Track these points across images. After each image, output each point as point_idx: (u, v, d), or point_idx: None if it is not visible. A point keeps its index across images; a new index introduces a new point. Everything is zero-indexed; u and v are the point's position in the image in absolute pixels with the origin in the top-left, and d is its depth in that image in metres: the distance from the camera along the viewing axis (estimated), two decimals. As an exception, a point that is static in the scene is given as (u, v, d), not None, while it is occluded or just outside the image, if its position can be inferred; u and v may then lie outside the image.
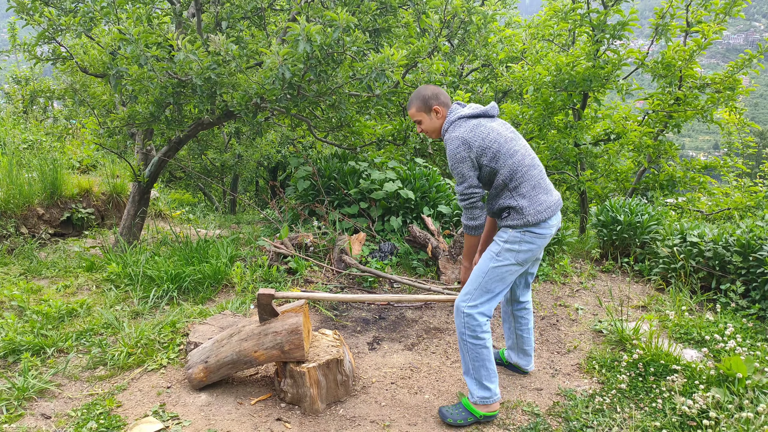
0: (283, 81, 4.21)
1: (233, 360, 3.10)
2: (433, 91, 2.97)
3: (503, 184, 2.84)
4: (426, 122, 2.99)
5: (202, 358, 3.17)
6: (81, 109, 7.34)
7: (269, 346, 3.03)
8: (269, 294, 3.04)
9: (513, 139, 2.87)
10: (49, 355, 3.47)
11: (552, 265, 5.44)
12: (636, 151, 6.88)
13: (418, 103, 2.96)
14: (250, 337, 3.09)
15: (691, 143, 69.65)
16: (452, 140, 2.83)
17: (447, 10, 5.37)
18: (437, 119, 2.97)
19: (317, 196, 6.16)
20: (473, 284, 2.89)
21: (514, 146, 2.84)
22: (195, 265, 4.67)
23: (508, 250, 2.83)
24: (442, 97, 2.96)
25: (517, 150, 2.84)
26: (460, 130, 2.83)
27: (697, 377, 3.14)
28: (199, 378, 3.14)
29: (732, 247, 4.50)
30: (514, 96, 9.83)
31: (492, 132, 2.82)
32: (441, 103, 2.95)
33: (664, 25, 6.00)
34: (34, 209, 6.00)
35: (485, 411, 2.93)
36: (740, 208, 6.60)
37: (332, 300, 3.41)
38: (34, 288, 4.48)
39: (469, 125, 2.84)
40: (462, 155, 2.80)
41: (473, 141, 2.79)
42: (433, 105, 2.94)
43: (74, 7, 4.78)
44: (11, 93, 10.88)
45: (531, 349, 3.38)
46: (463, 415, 2.93)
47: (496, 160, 2.80)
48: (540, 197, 2.83)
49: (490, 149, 2.79)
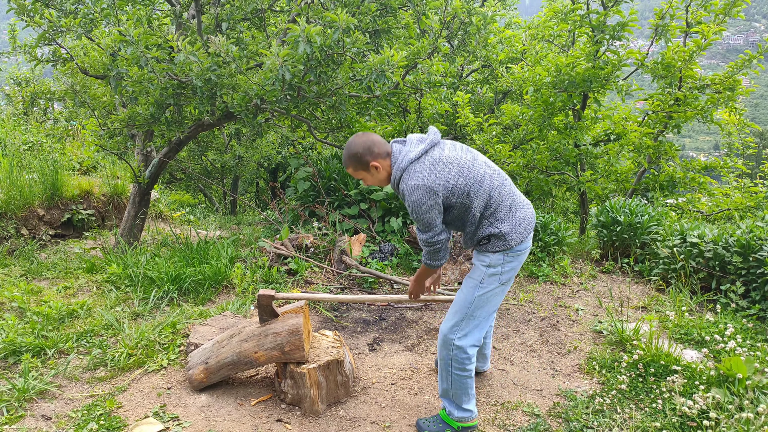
0: (283, 82, 4.21)
1: (233, 361, 3.10)
2: (364, 144, 2.62)
3: (480, 214, 2.64)
4: (369, 179, 2.71)
5: (203, 359, 3.17)
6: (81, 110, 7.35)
7: (269, 347, 3.03)
8: (269, 295, 3.04)
9: (473, 161, 2.62)
10: (50, 357, 3.47)
11: (552, 265, 5.45)
12: (636, 151, 6.88)
13: (354, 163, 2.65)
14: (251, 338, 3.09)
15: (691, 144, 69.66)
16: (412, 190, 2.51)
17: (447, 11, 5.37)
18: (380, 172, 2.66)
19: (317, 197, 6.16)
20: (460, 315, 2.73)
21: (478, 170, 2.60)
22: (195, 266, 4.68)
23: (491, 275, 2.69)
24: (376, 148, 2.62)
25: (483, 173, 2.61)
26: (417, 176, 2.52)
27: (698, 378, 3.14)
28: (199, 379, 3.15)
29: (732, 248, 4.50)
30: (514, 97, 9.83)
31: (453, 166, 2.55)
32: (376, 155, 2.62)
33: (663, 25, 6.01)
34: (35, 210, 6.00)
35: (464, 423, 2.88)
36: (740, 209, 6.60)
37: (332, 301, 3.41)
38: (34, 289, 4.48)
39: (425, 168, 2.54)
40: (428, 204, 2.52)
41: (437, 186, 2.51)
42: (370, 161, 2.62)
43: (74, 8, 4.78)
44: (12, 94, 10.89)
45: (489, 352, 3.39)
46: (439, 426, 2.86)
47: (466, 195, 2.57)
48: (518, 216, 2.68)
49: (458, 187, 2.54)
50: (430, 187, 2.51)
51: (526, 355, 3.74)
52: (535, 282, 5.12)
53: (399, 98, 5.18)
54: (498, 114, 8.88)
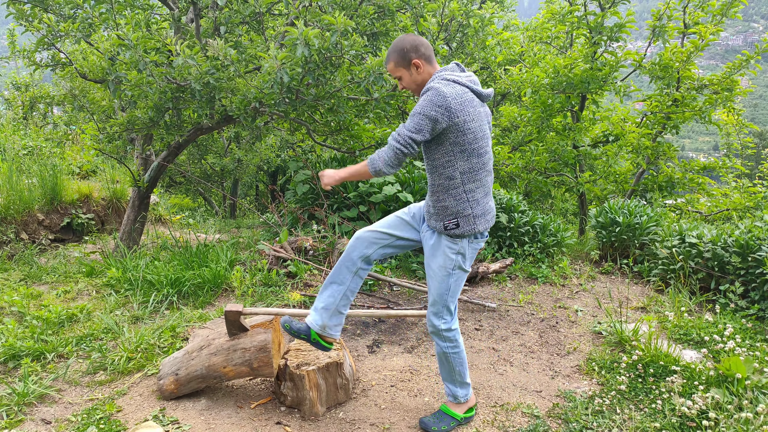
0: (282, 85, 4.22)
1: (203, 375, 3.06)
2: (413, 42, 2.59)
3: (458, 177, 2.58)
4: (406, 78, 2.65)
5: (173, 370, 3.13)
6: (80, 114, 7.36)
7: (238, 363, 3.00)
8: (237, 311, 3.01)
9: (486, 137, 2.62)
10: (49, 361, 3.47)
11: (551, 267, 5.45)
12: (635, 152, 6.90)
13: (396, 57, 2.61)
14: (219, 352, 3.06)
15: (690, 144, 69.70)
16: (434, 92, 2.46)
17: (444, 14, 5.39)
18: (418, 74, 2.62)
19: (316, 200, 6.17)
20: (441, 304, 2.78)
21: (486, 145, 2.62)
22: (195, 270, 4.68)
23: (461, 262, 2.71)
24: (423, 48, 2.59)
25: (487, 151, 2.62)
26: (449, 89, 2.47)
27: (697, 378, 3.15)
28: (170, 390, 3.11)
29: (731, 248, 4.50)
30: (512, 98, 9.85)
31: (477, 118, 2.53)
32: (421, 55, 2.59)
33: (661, 26, 6.02)
34: (34, 215, 6.01)
35: (464, 412, 2.96)
36: (739, 209, 6.61)
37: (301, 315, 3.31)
38: (34, 293, 4.49)
39: (460, 93, 2.50)
40: (432, 111, 2.45)
41: (453, 108, 2.46)
42: (413, 58, 2.59)
43: (73, 13, 4.80)
44: (11, 99, 10.90)
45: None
46: (447, 421, 2.92)
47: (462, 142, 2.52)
48: (489, 204, 2.73)
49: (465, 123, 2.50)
50: (449, 106, 2.45)
51: (525, 357, 3.74)
52: (535, 283, 5.13)
53: (397, 100, 5.19)
54: (496, 116, 8.89)
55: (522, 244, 5.64)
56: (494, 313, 4.44)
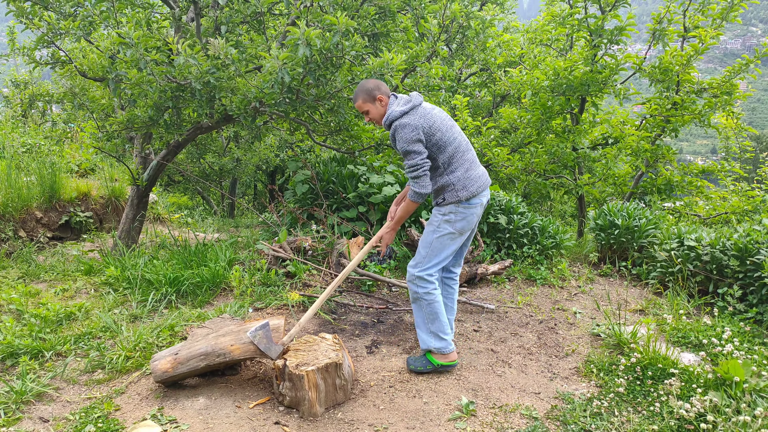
0: (283, 85, 4.22)
1: (206, 352, 3.13)
2: (375, 83, 3.36)
3: (441, 166, 3.27)
4: (373, 111, 3.36)
5: (172, 352, 3.20)
6: (80, 112, 7.33)
7: (247, 341, 3.14)
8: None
9: (452, 126, 3.31)
10: (48, 359, 3.46)
11: (550, 269, 5.46)
12: (634, 155, 6.90)
13: (364, 95, 3.34)
14: (229, 333, 3.23)
15: (689, 147, 69.84)
16: (404, 125, 3.18)
17: (445, 15, 5.39)
18: (381, 107, 3.34)
19: (316, 200, 6.16)
20: (421, 254, 3.36)
21: (454, 131, 3.30)
22: (193, 269, 4.68)
23: (445, 221, 3.30)
24: (383, 87, 3.36)
25: (456, 136, 3.29)
26: (410, 117, 3.20)
27: (695, 381, 3.15)
28: (164, 369, 3.10)
29: (729, 251, 4.51)
30: (512, 100, 9.86)
31: (437, 119, 3.24)
32: (383, 92, 3.34)
33: (661, 30, 6.04)
34: (33, 213, 6.00)
35: (443, 360, 3.40)
36: (738, 213, 6.62)
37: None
38: (32, 291, 4.48)
39: (417, 112, 3.22)
40: (414, 137, 3.17)
41: (424, 125, 3.19)
42: (377, 95, 3.32)
43: (73, 11, 4.79)
44: (10, 96, 10.88)
45: (453, 316, 3.73)
46: (423, 363, 3.44)
47: (438, 146, 3.23)
48: (471, 175, 3.29)
49: (435, 136, 3.21)
50: (417, 125, 3.18)
51: (524, 358, 3.74)
52: (533, 285, 5.13)
53: (397, 101, 5.19)
54: (496, 117, 8.90)
55: (521, 246, 5.65)
56: (493, 315, 4.44)
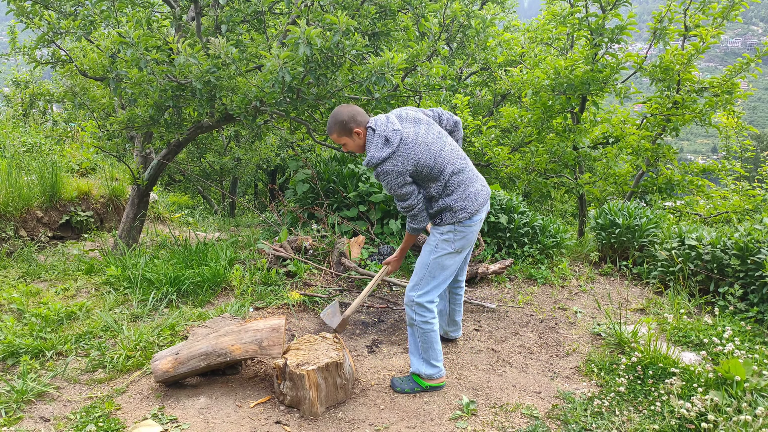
0: (283, 84, 4.21)
1: (206, 352, 3.14)
2: (349, 113, 3.02)
3: (436, 195, 3.07)
4: (350, 144, 3.09)
5: (173, 351, 3.21)
6: (80, 112, 7.34)
7: (248, 341, 3.16)
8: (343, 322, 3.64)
9: (440, 151, 3.00)
10: (48, 358, 3.46)
11: (551, 268, 5.45)
12: (634, 154, 6.90)
13: (339, 129, 3.03)
14: (229, 333, 3.23)
15: (689, 146, 69.77)
16: (388, 173, 2.94)
17: (446, 14, 5.39)
18: (360, 139, 3.06)
19: (316, 199, 6.16)
20: (419, 276, 3.17)
21: (443, 159, 3.00)
22: (194, 268, 4.68)
23: (444, 241, 3.13)
24: (359, 117, 3.03)
25: (446, 163, 3.01)
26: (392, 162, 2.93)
27: (696, 380, 3.15)
28: (164, 369, 3.11)
29: (730, 251, 4.51)
30: (512, 99, 9.86)
31: (421, 154, 2.95)
32: (359, 123, 3.03)
33: (662, 29, 6.03)
34: (33, 212, 6.00)
35: (431, 382, 3.25)
36: (738, 212, 6.62)
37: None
38: (33, 291, 4.48)
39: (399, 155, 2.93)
40: (401, 182, 2.96)
41: (409, 168, 2.94)
42: (353, 128, 3.02)
43: (74, 10, 4.79)
44: (11, 96, 10.89)
45: (460, 319, 3.79)
46: (411, 385, 3.26)
47: (429, 178, 3.01)
48: (469, 194, 3.08)
49: (423, 171, 2.98)
50: (401, 171, 2.94)
51: (524, 358, 3.74)
52: (534, 284, 5.13)
53: (398, 101, 5.19)
54: (497, 116, 8.90)
55: (521, 245, 5.65)
56: (493, 314, 4.44)
